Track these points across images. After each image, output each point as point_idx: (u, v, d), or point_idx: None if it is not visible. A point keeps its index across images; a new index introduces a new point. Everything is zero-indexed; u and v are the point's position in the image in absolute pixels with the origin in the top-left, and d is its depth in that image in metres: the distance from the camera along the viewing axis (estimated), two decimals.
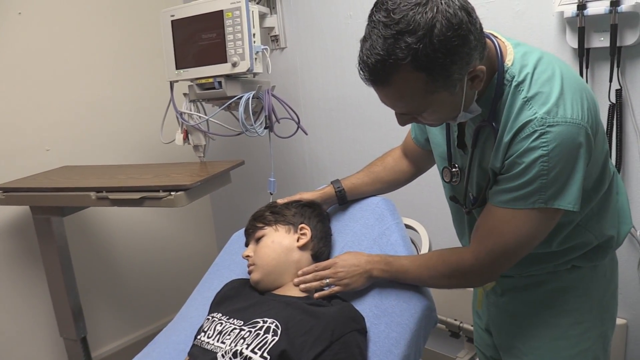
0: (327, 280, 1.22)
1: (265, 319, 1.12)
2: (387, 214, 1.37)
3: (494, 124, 0.99)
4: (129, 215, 2.52)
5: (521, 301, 1.18)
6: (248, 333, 1.10)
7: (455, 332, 1.74)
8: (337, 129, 2.26)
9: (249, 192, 2.65)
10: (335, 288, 1.22)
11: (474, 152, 1.07)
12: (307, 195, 1.41)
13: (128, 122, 2.47)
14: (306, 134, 1.97)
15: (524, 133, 0.93)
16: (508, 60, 0.98)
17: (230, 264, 1.52)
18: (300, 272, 1.26)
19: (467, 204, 1.16)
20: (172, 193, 1.61)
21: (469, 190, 1.14)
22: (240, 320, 1.16)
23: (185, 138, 1.98)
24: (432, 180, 1.46)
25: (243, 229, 1.60)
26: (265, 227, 1.32)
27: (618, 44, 1.45)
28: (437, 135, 1.20)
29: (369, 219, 1.37)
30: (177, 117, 1.96)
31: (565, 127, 0.91)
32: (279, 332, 1.09)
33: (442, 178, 1.21)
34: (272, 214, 1.34)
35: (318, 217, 1.36)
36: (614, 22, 1.42)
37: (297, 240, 1.29)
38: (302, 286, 1.24)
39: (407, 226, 1.42)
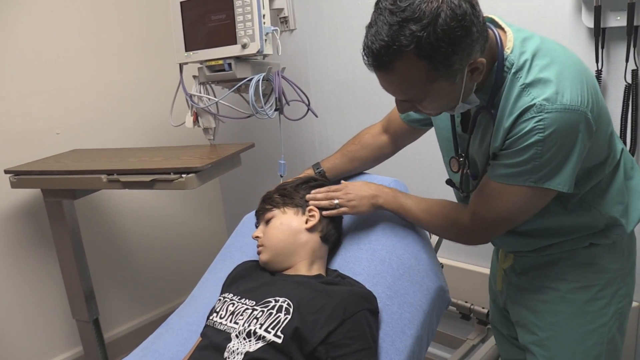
0: (337, 201, 1.27)
1: (277, 298, 1.13)
2: None
3: (492, 111, 1.01)
4: (140, 198, 2.53)
5: (539, 278, 1.19)
6: (261, 313, 1.11)
7: (466, 314, 1.74)
8: (346, 111, 2.25)
9: (259, 175, 2.65)
10: (343, 209, 1.27)
11: (474, 136, 1.10)
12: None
13: (138, 105, 2.46)
14: (316, 116, 1.95)
15: (523, 118, 0.95)
16: (507, 48, 1.00)
17: (242, 245, 1.52)
18: (313, 191, 1.31)
19: (465, 188, 1.19)
20: (183, 175, 1.61)
21: (468, 173, 1.16)
22: (252, 300, 1.17)
23: (195, 121, 1.97)
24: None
25: (254, 211, 1.61)
26: (274, 209, 1.32)
27: (635, 23, 1.42)
28: (442, 119, 1.20)
29: None
30: (187, 100, 1.95)
31: (564, 113, 0.93)
32: (291, 310, 1.09)
33: (449, 168, 1.22)
34: (281, 196, 1.34)
35: None
36: (632, 1, 1.39)
37: (306, 222, 1.29)
38: (312, 202, 1.29)
39: None
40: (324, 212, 1.28)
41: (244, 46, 1.73)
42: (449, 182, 1.24)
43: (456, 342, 1.68)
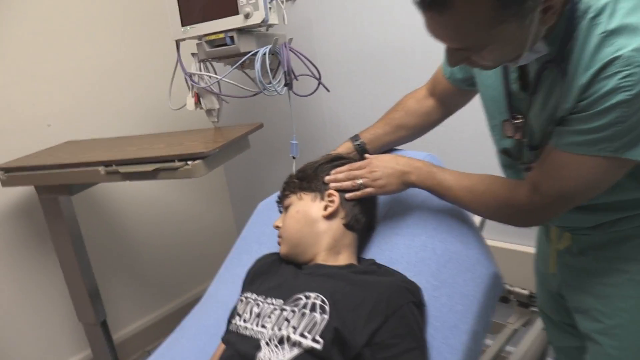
0: (361, 181, 1.12)
1: (308, 294, 0.99)
2: None
3: (564, 64, 0.84)
4: (140, 190, 2.39)
5: (603, 259, 1.03)
6: (291, 313, 0.96)
7: (505, 296, 1.61)
8: (357, 84, 2.09)
9: (267, 158, 2.50)
10: (369, 189, 1.12)
11: (536, 97, 0.92)
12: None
13: (133, 89, 2.31)
14: (328, 90, 1.80)
15: (605, 73, 0.78)
16: None
17: (260, 236, 1.38)
18: (333, 171, 1.16)
19: (524, 158, 1.01)
20: (188, 162, 1.46)
21: (526, 142, 0.99)
22: (280, 298, 1.02)
23: (197, 102, 1.81)
24: (484, 130, 1.29)
25: (269, 198, 1.47)
26: (291, 196, 1.18)
27: None
28: (488, 75, 1.04)
29: None
30: (186, 80, 1.79)
31: None
32: (327, 308, 0.95)
33: (499, 132, 1.05)
34: (299, 180, 1.19)
35: None
36: None
37: (324, 209, 1.13)
38: (333, 184, 1.14)
39: None
40: (347, 195, 1.13)
41: (246, 16, 1.57)
42: (504, 152, 1.07)
43: (495, 327, 1.56)
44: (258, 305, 1.03)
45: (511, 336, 1.53)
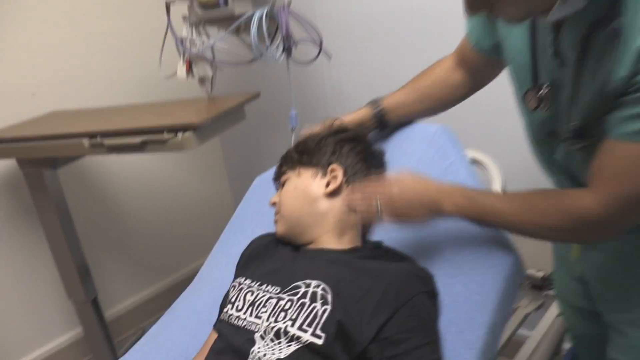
0: (378, 204, 0.92)
1: (308, 282, 0.89)
2: (448, 146, 1.10)
3: (616, 23, 0.70)
4: (132, 162, 2.28)
5: (634, 244, 0.91)
6: (289, 303, 0.87)
7: None
8: (362, 51, 1.96)
9: (265, 129, 2.38)
10: (387, 218, 0.94)
11: (582, 66, 0.78)
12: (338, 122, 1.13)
13: (122, 57, 2.17)
14: (330, 57, 1.68)
15: None
16: None
17: (256, 214, 1.28)
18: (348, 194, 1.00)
19: (565, 136, 0.86)
20: (178, 134, 1.35)
21: (566, 119, 0.84)
22: (276, 285, 0.93)
23: (189, 70, 1.69)
24: (498, 97, 1.18)
25: (266, 173, 1.36)
26: (288, 171, 1.07)
27: None
28: (517, 39, 0.90)
29: (427, 152, 1.10)
30: (177, 46, 1.66)
31: None
32: (329, 297, 0.86)
33: (522, 104, 0.93)
34: (298, 154, 1.08)
35: (360, 153, 1.07)
36: None
37: (326, 186, 1.02)
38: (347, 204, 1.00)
39: (473, 160, 1.15)
40: (359, 217, 0.99)
41: None
42: (542, 140, 0.90)
43: None
44: (252, 292, 0.94)
45: (523, 320, 1.44)
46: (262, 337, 0.85)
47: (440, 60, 1.18)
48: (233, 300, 0.95)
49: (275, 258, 1.02)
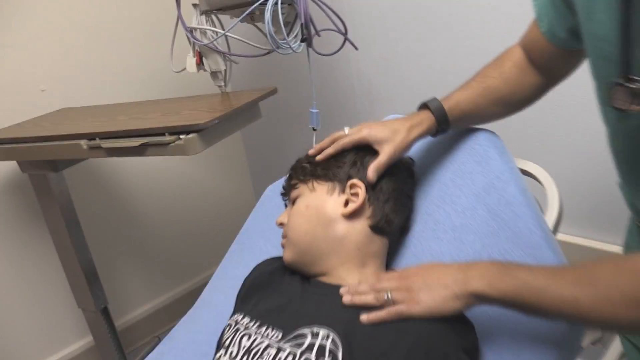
0: (389, 295, 0.74)
1: (316, 330, 0.72)
2: (494, 155, 0.90)
3: None
4: (144, 160, 2.15)
5: None
6: (291, 357, 0.70)
7: None
8: (393, 40, 1.78)
9: (285, 128, 2.23)
10: (401, 308, 0.72)
11: None
12: (375, 130, 0.90)
13: (135, 51, 2.07)
14: (356, 48, 1.52)
15: None
16: None
17: (264, 230, 1.12)
18: (353, 285, 0.80)
19: None
20: (181, 136, 1.20)
21: None
22: (278, 329, 0.76)
23: (199, 63, 1.54)
24: (555, 98, 0.97)
25: (277, 182, 1.20)
26: (299, 185, 0.90)
27: None
28: (601, 22, 0.69)
29: (466, 163, 0.91)
30: (188, 37, 1.52)
31: None
32: (339, 354, 0.68)
33: (607, 103, 0.71)
34: (311, 164, 0.91)
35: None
36: None
37: (345, 205, 0.86)
38: (347, 298, 0.77)
39: (523, 172, 0.95)
40: (364, 318, 0.73)
41: None
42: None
43: None
44: (249, 336, 0.78)
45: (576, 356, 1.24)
46: None
47: (508, 51, 0.96)
48: (227, 344, 0.79)
49: (281, 291, 0.85)
